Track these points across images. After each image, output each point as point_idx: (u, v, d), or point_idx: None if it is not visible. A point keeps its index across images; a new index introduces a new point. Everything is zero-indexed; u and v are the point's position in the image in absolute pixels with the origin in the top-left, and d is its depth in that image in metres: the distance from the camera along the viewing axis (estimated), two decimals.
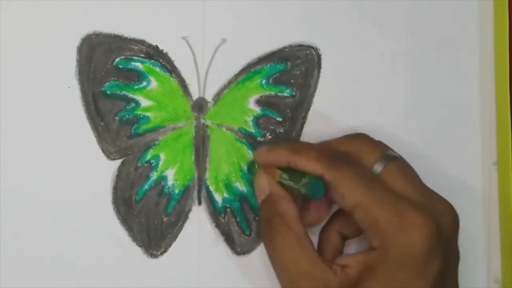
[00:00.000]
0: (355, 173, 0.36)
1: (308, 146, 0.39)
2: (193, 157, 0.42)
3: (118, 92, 0.41)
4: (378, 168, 0.37)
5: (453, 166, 0.43)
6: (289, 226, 0.37)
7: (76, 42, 0.41)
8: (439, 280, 0.35)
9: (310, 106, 0.43)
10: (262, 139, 0.42)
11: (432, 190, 0.38)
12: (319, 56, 0.43)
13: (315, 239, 0.40)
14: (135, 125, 0.41)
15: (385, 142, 0.42)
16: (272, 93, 0.42)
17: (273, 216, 0.37)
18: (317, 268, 0.36)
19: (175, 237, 0.41)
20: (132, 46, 0.41)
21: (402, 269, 0.34)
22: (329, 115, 0.43)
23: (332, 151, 0.38)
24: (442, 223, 0.36)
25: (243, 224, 0.42)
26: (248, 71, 0.42)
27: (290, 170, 0.38)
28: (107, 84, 0.41)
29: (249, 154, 0.42)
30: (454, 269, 0.38)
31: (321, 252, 0.39)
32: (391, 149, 0.39)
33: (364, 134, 0.40)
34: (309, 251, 0.36)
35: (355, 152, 0.38)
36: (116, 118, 0.41)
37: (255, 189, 0.39)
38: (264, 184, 0.38)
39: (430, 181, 0.43)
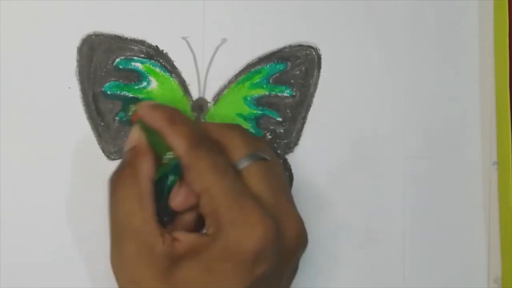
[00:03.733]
0: (212, 160, 0.35)
1: (184, 121, 0.37)
2: None
3: (118, 92, 0.41)
4: (241, 164, 0.36)
5: (453, 166, 0.43)
6: (137, 181, 0.36)
7: (77, 42, 0.41)
8: (259, 285, 0.34)
9: (310, 106, 0.43)
10: None
11: (289, 202, 0.37)
12: (319, 56, 0.43)
13: None
14: None
15: (384, 142, 0.43)
16: (272, 93, 0.42)
17: (127, 166, 0.37)
18: (147, 229, 0.35)
19: None
20: (132, 47, 0.41)
21: (224, 261, 0.34)
22: (329, 115, 0.43)
23: (202, 134, 0.37)
24: (285, 234, 0.35)
25: None
26: (248, 71, 0.42)
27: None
28: (107, 84, 0.41)
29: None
30: (287, 282, 0.37)
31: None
32: (267, 150, 0.38)
33: (241, 127, 0.38)
34: (146, 211, 0.35)
35: (225, 142, 0.37)
36: (116, 118, 0.41)
37: (128, 137, 0.38)
38: (136, 136, 0.37)
39: (430, 181, 0.43)
